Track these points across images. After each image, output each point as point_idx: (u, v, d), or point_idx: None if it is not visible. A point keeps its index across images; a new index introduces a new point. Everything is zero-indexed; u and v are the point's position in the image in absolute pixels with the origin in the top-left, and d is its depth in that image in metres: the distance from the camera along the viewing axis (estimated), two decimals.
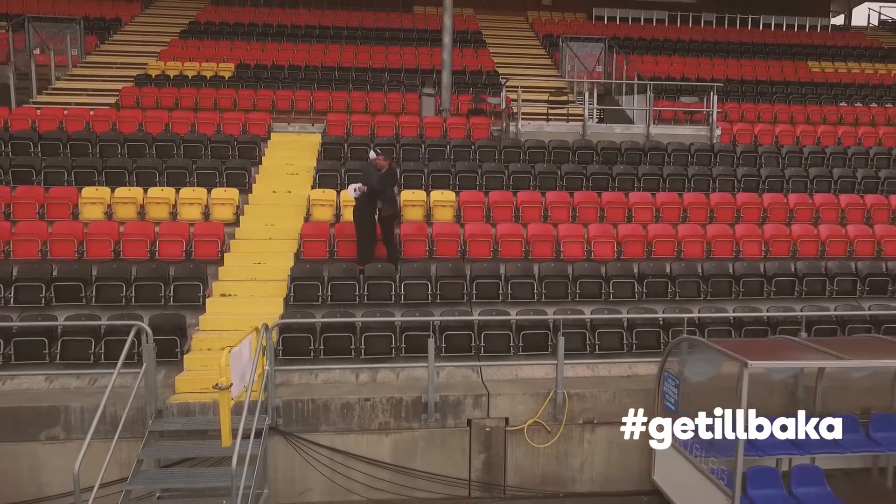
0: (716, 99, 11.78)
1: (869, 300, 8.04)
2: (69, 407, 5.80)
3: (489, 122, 11.59)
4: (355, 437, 6.15)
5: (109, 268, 7.46)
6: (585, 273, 7.86)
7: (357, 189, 7.60)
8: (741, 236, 8.80)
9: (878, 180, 10.58)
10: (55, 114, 10.76)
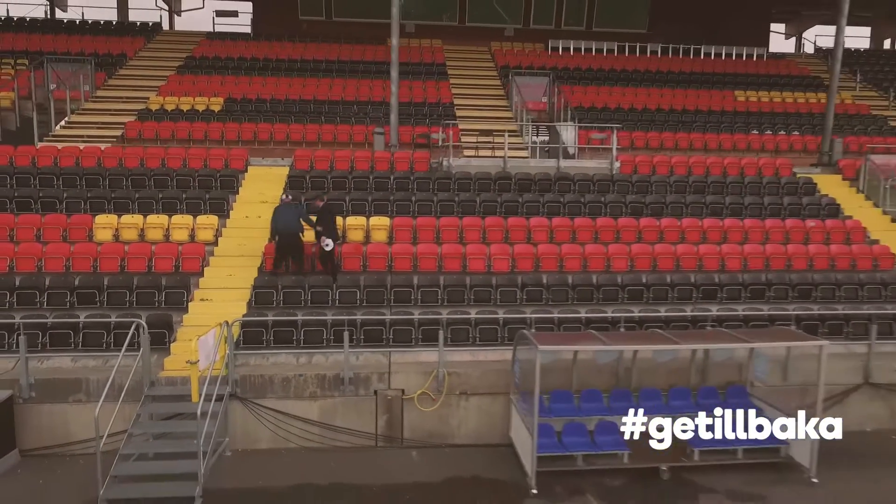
0: (615, 137, 14.14)
1: (701, 304, 10.40)
2: (88, 379, 8.22)
3: (429, 156, 13.97)
4: (292, 402, 8.55)
5: (117, 279, 9.90)
6: (480, 283, 10.26)
7: (328, 244, 9.97)
8: (613, 254, 11.18)
9: (742, 206, 12.94)
10: (73, 151, 13.18)
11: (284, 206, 10.30)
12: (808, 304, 10.45)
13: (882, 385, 9.45)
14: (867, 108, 20.62)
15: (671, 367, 9.04)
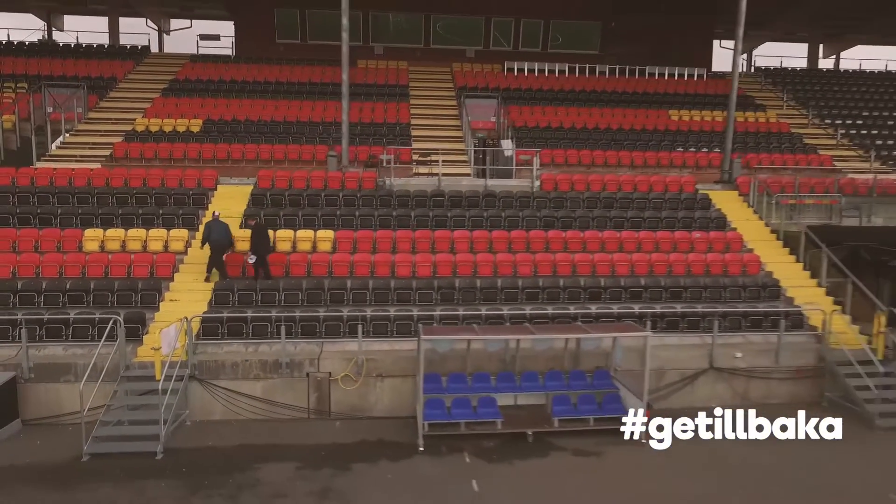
0: (538, 158, 16.29)
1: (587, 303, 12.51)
2: (76, 364, 10.31)
3: (375, 175, 16.07)
4: (240, 382, 10.67)
5: (101, 283, 12.00)
6: (403, 287, 12.38)
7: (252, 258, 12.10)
8: (519, 261, 13.30)
9: (642, 219, 15.06)
10: (66, 172, 15.25)
11: (216, 221, 12.42)
12: (674, 303, 12.56)
13: (724, 369, 11.58)
14: (787, 127, 22.73)
15: (549, 354, 11.16)
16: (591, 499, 8.23)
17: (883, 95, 26.14)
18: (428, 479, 8.56)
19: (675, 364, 11.51)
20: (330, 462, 9.01)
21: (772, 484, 8.63)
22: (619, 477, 8.83)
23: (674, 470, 8.97)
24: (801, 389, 11.73)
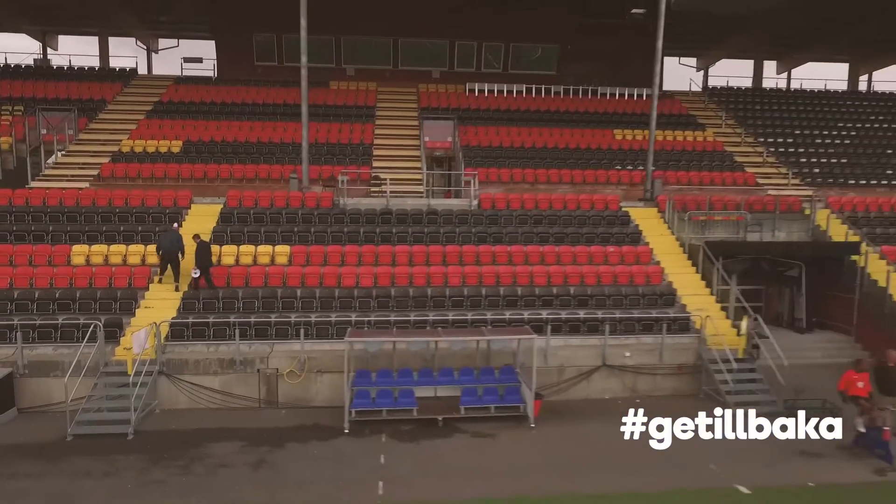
0: (475, 179, 18.32)
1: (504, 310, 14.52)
2: (63, 362, 12.29)
3: (332, 195, 18.10)
4: (201, 377, 12.68)
5: (86, 292, 14.01)
6: (346, 295, 14.41)
7: (196, 272, 14.13)
8: (450, 272, 15.33)
9: (565, 234, 17.11)
10: (57, 194, 17.25)
11: (171, 231, 14.50)
12: (579, 310, 14.58)
13: (615, 366, 13.63)
14: (722, 146, 24.79)
15: (464, 353, 13.20)
16: (474, 467, 10.21)
17: (818, 114, 28.24)
18: (345, 454, 10.58)
19: (573, 362, 13.56)
20: (269, 441, 11.03)
21: (619, 453, 10.61)
22: (504, 451, 10.85)
23: (550, 446, 11.00)
24: (682, 384, 13.79)
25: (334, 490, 9.15)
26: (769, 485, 9.40)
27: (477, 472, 9.97)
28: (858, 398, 10.67)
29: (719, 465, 10.08)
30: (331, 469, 9.97)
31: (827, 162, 24.34)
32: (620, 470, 9.99)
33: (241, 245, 15.77)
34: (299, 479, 9.56)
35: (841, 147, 25.65)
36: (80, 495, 8.99)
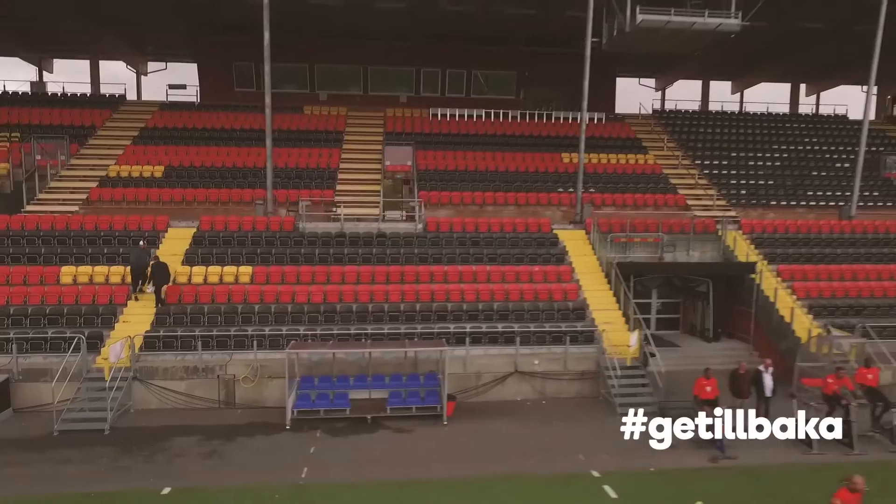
0: (421, 205, 20.58)
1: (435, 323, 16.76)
2: (52, 369, 14.52)
3: (293, 219, 20.34)
4: (170, 381, 14.93)
5: (72, 308, 16.25)
6: (297, 311, 16.65)
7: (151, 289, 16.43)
8: (391, 290, 17.58)
9: (496, 255, 19.37)
10: (48, 219, 19.51)
11: (140, 249, 16.80)
12: (500, 323, 16.83)
13: (526, 372, 15.88)
14: (660, 168, 27.05)
15: (396, 361, 15.48)
16: (389, 457, 12.44)
17: (755, 136, 30.49)
18: (283, 446, 12.83)
19: (490, 369, 15.83)
20: (222, 436, 13.28)
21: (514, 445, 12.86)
22: (417, 444, 13.09)
23: (456, 439, 13.25)
24: (585, 388, 16.06)
25: (266, 474, 11.39)
26: (618, 470, 11.63)
27: (389, 461, 12.20)
28: (706, 401, 12.94)
29: (587, 456, 12.30)
30: (268, 458, 12.22)
31: (755, 183, 26.60)
32: (509, 458, 12.22)
33: (210, 266, 18.02)
34: (240, 465, 11.82)
35: (771, 168, 27.93)
36: (62, 479, 11.21)
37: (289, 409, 13.95)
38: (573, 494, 10.72)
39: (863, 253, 21.21)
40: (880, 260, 20.93)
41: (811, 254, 20.88)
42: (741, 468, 11.88)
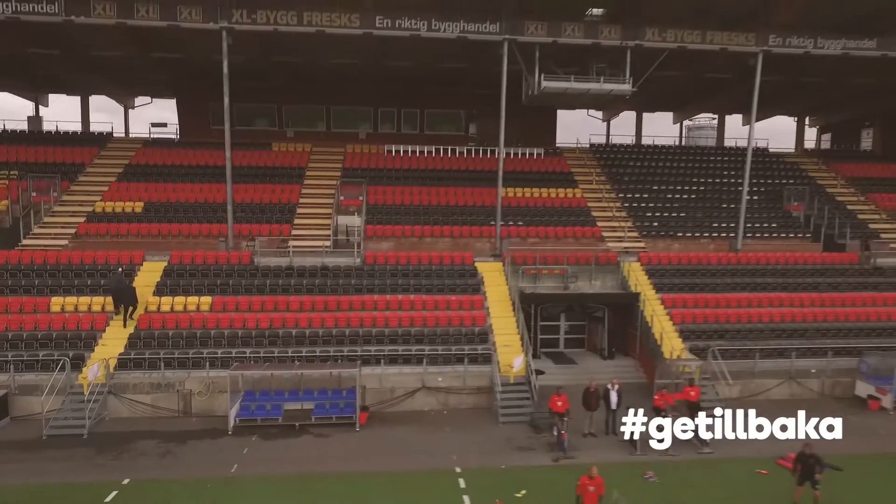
0: (362, 240, 24.05)
1: (355, 347, 20.23)
2: (42, 385, 17.93)
3: (251, 254, 23.81)
4: (138, 395, 18.39)
5: (60, 333, 19.72)
6: (245, 335, 20.10)
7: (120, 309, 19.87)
8: (325, 318, 21.04)
9: (422, 285, 22.81)
10: (41, 254, 22.97)
11: (118, 275, 20.27)
12: (415, 345, 20.28)
13: (432, 387, 19.36)
14: (585, 202, 30.51)
15: (324, 378, 18.94)
16: (306, 456, 15.86)
17: (679, 169, 33.95)
18: (223, 448, 16.27)
19: (402, 384, 19.30)
20: (177, 439, 16.73)
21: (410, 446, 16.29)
22: (332, 445, 16.55)
23: (365, 442, 16.71)
24: (481, 400, 19.51)
25: (205, 469, 14.83)
26: (476, 467, 15.08)
27: (305, 459, 15.66)
28: (557, 413, 16.41)
29: (458, 455, 15.76)
30: (210, 457, 15.68)
31: (668, 216, 30.05)
32: (398, 457, 15.70)
33: (177, 296, 21.48)
34: (187, 462, 15.29)
35: (686, 201, 31.35)
36: (48, 473, 14.65)
37: (231, 417, 17.42)
38: (431, 485, 14.17)
39: (740, 283, 24.69)
40: (754, 289, 24.40)
41: (694, 283, 24.36)
42: (575, 466, 15.29)
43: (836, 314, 23.25)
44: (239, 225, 25.84)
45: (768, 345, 21.37)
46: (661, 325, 21.79)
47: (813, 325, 22.63)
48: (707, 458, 15.89)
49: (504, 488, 13.96)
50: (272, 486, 14.05)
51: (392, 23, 22.61)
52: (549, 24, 23.33)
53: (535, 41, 23.58)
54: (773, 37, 24.42)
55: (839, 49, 24.85)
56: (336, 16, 22.44)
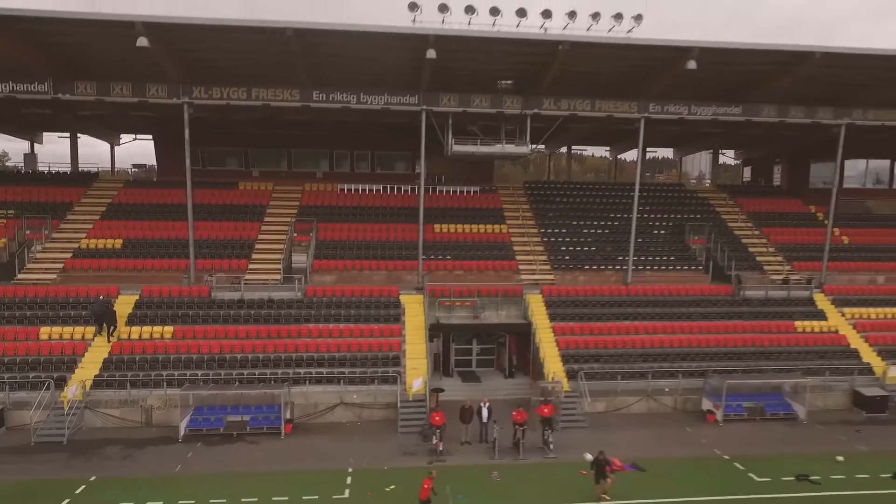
0: (307, 272, 28.56)
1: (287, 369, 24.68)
2: (31, 401, 22.38)
3: (209, 289, 28.26)
4: (109, 409, 22.83)
5: (47, 358, 24.17)
6: (199, 359, 24.58)
7: (101, 327, 24.38)
8: (266, 345, 25.50)
9: (352, 316, 27.28)
10: (32, 289, 27.45)
11: (102, 300, 24.76)
12: (337, 368, 24.72)
13: (349, 403, 23.83)
14: (509, 237, 34.96)
15: (257, 396, 23.38)
16: (238, 458, 20.29)
17: (600, 205, 38.40)
18: (172, 452, 20.71)
19: (324, 401, 23.76)
20: (137, 446, 21.17)
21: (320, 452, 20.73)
22: (259, 450, 21.00)
23: (287, 448, 21.15)
24: (389, 414, 23.92)
25: (154, 469, 19.27)
26: (366, 468, 19.50)
27: (236, 461, 20.11)
28: (435, 426, 20.86)
29: (356, 459, 20.23)
30: (160, 459, 20.12)
31: (581, 249, 34.49)
32: (308, 460, 20.14)
33: (144, 326, 25.96)
34: (141, 464, 19.74)
35: (598, 235, 35.76)
36: (35, 472, 19.05)
37: (181, 428, 21.89)
38: (325, 481, 18.56)
39: (624, 312, 29.15)
40: (635, 318, 28.87)
41: (584, 313, 28.83)
42: (444, 467, 19.76)
43: (700, 340, 27.72)
44: (203, 260, 30.28)
45: (632, 367, 25.85)
46: (547, 350, 26.27)
47: (676, 350, 27.10)
48: (549, 461, 20.37)
49: (381, 484, 18.38)
50: (206, 482, 18.49)
51: (326, 97, 27.10)
52: (461, 97, 27.80)
53: (448, 111, 28.06)
54: (652, 105, 28.88)
55: (710, 115, 29.35)
56: (279, 91, 26.93)
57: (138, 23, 22.10)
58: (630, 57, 25.78)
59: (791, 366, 26.53)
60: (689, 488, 18.38)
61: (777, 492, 18.33)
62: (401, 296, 29.07)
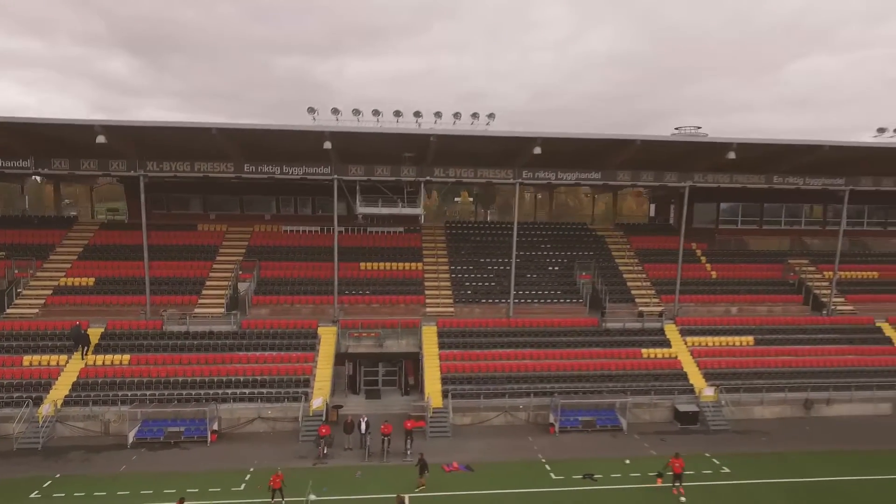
0: (247, 306, 35.12)
1: (226, 389, 31.25)
2: (14, 416, 28.90)
3: (162, 322, 34.77)
4: (76, 422, 29.37)
5: (28, 381, 30.67)
6: (155, 384, 31.14)
7: (77, 346, 30.96)
8: (215, 371, 32.07)
9: (275, 345, 33.86)
10: (18, 323, 33.99)
11: (77, 327, 31.34)
12: (263, 389, 31.24)
13: (264, 417, 30.37)
14: (422, 273, 41.43)
15: (191, 411, 29.93)
16: (173, 461, 26.78)
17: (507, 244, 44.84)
18: (121, 456, 27.20)
19: (245, 415, 30.28)
20: (95, 451, 27.67)
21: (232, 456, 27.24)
22: (189, 455, 27.52)
23: (212, 453, 27.69)
24: (297, 426, 30.45)
25: (104, 469, 25.79)
26: (263, 469, 26.00)
27: (169, 463, 26.63)
28: (322, 437, 27.41)
29: (259, 460, 26.76)
30: (110, 461, 26.64)
31: (481, 284, 40.98)
32: (222, 462, 26.67)
33: (107, 355, 32.49)
34: (96, 464, 26.27)
35: (500, 271, 42.16)
36: (14, 470, 25.56)
37: (130, 437, 28.46)
38: (227, 478, 25.02)
39: (504, 341, 35.63)
40: (512, 346, 35.36)
41: (469, 342, 35.34)
42: (326, 468, 26.24)
43: (560, 365, 34.22)
44: (160, 297, 36.80)
45: (496, 388, 32.39)
46: (429, 374, 32.82)
47: (536, 374, 33.59)
48: (405, 464, 26.91)
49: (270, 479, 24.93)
50: (142, 479, 25.00)
51: (256, 168, 33.64)
52: (366, 167, 34.34)
53: (356, 179, 34.61)
54: (525, 172, 35.40)
55: (574, 179, 35.91)
56: (217, 164, 33.46)
57: (96, 125, 28.64)
58: (494, 142, 32.32)
59: (628, 387, 33.03)
60: (499, 484, 24.88)
61: (564, 486, 24.85)
62: (319, 328, 35.59)
